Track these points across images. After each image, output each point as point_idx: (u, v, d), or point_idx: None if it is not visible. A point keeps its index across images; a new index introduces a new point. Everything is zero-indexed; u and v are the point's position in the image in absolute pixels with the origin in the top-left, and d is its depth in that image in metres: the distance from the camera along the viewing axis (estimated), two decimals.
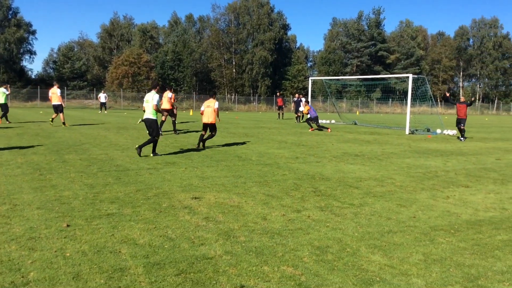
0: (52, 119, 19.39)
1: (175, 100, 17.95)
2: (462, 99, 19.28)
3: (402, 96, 69.47)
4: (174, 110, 17.31)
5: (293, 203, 6.33)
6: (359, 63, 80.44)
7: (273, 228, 5.11)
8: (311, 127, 21.58)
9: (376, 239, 4.86)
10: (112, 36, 74.50)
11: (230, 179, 8.01)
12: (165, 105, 16.59)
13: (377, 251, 4.49)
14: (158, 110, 10.52)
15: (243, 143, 14.30)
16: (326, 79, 44.82)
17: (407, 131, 21.58)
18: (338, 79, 56.73)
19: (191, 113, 42.51)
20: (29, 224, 4.94)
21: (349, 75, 72.91)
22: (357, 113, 59.52)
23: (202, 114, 12.47)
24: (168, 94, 16.87)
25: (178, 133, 17.21)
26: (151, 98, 10.51)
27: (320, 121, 30.11)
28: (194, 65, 68.96)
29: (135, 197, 6.36)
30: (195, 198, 6.46)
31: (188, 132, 18.22)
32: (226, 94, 70.95)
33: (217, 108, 12.42)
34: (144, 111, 10.72)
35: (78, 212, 5.47)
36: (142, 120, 10.67)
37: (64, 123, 19.31)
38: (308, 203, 6.39)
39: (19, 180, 7.26)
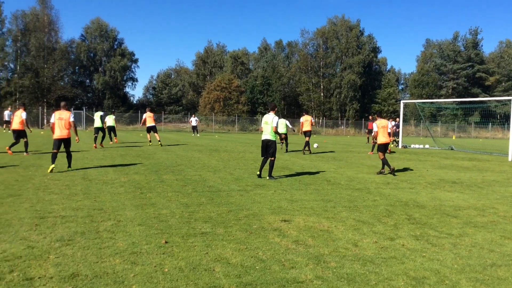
0: (159, 141, 21.81)
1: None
2: None
3: (503, 120, 64.54)
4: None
5: (386, 230, 6.12)
6: (455, 85, 76.48)
7: (365, 255, 4.98)
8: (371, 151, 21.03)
9: (477, 272, 4.54)
10: (206, 63, 78.43)
11: (319, 203, 7.97)
12: (307, 127, 19.66)
13: (479, 285, 4.20)
14: (277, 132, 10.85)
15: (332, 167, 14.15)
16: (419, 102, 43.17)
17: (510, 158, 19.98)
18: (432, 102, 54.26)
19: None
20: (132, 239, 5.29)
21: (444, 98, 69.43)
22: (453, 137, 56.37)
23: (376, 135, 12.93)
24: (307, 117, 19.89)
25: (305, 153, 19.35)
26: (270, 120, 10.78)
27: (413, 145, 29.01)
28: (283, 89, 70.09)
29: (227, 218, 6.56)
30: (285, 220, 6.50)
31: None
32: (314, 118, 70.94)
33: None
34: (262, 132, 11.13)
35: (175, 230, 5.76)
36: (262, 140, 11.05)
37: (160, 142, 21.87)
38: (402, 231, 6.15)
39: (123, 198, 7.83)
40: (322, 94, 71.13)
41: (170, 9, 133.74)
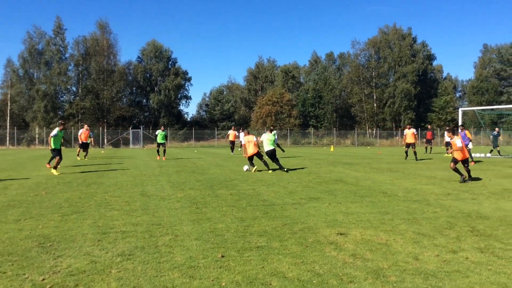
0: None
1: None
2: None
3: None
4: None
5: (448, 243, 5.87)
6: None
7: (427, 269, 4.79)
8: (472, 160, 20.37)
9: None
10: (257, 78, 79.27)
11: (376, 216, 7.77)
12: (410, 139, 22.90)
13: None
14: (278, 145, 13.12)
15: (388, 178, 13.78)
16: (479, 110, 41.38)
17: None
18: (492, 109, 51.77)
19: (332, 149, 42.54)
20: (189, 253, 5.38)
21: (505, 104, 66.05)
22: None
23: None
24: (411, 130, 23.09)
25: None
26: (272, 136, 16.26)
27: (473, 154, 27.83)
28: (334, 101, 69.39)
29: (282, 231, 6.53)
30: (341, 234, 6.39)
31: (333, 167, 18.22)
32: (367, 129, 69.63)
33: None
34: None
35: (231, 244, 5.80)
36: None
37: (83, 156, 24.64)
38: (465, 243, 5.87)
39: (179, 213, 8.00)
40: (375, 104, 69.79)
41: (221, 27, 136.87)
